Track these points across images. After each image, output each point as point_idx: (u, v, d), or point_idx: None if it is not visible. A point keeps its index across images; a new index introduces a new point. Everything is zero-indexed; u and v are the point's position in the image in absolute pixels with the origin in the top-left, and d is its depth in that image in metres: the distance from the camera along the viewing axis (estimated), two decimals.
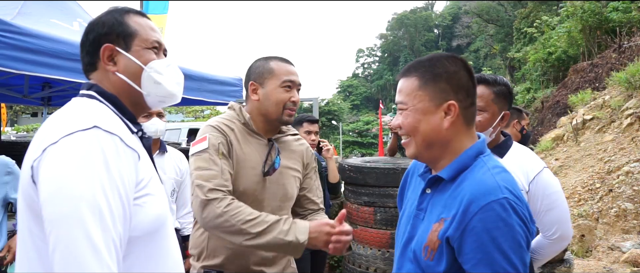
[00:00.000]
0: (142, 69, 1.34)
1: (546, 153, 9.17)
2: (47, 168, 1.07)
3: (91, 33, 1.34)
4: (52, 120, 1.19)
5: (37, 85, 5.97)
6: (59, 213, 1.03)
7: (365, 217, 4.78)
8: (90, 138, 1.11)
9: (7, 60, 3.26)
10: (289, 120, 2.07)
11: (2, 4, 4.24)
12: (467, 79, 1.38)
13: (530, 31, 22.03)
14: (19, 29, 3.33)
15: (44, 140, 1.12)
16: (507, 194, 1.23)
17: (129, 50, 1.34)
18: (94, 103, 1.27)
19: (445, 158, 1.39)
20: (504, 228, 1.20)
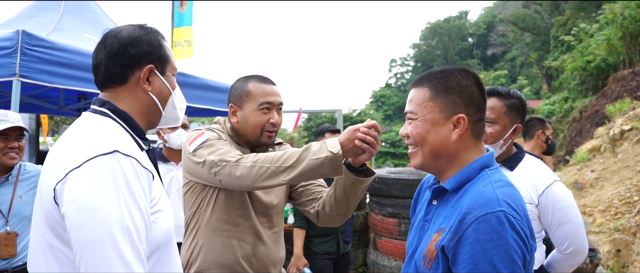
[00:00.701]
0: (170, 93, 1.44)
1: (582, 164, 8.91)
2: (74, 193, 1.13)
3: (132, 48, 1.36)
4: (70, 141, 1.24)
5: (73, 97, 6.19)
6: (90, 237, 1.10)
7: (389, 228, 4.75)
8: (112, 162, 1.17)
9: (43, 74, 3.41)
10: (268, 141, 2.07)
11: (41, 20, 4.44)
12: (478, 94, 1.39)
13: (567, 39, 21.47)
14: (53, 45, 3.48)
15: (65, 163, 1.17)
16: (505, 207, 1.22)
17: (164, 75, 1.43)
18: (108, 122, 1.32)
19: (451, 170, 1.39)
20: (498, 241, 1.18)
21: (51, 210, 1.17)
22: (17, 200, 2.65)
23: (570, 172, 9.34)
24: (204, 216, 2.01)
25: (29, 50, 3.27)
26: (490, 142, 2.06)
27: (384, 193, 4.73)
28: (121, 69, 1.36)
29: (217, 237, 1.98)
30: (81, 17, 4.72)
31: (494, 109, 2.04)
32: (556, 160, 14.21)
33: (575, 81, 18.42)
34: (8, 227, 2.60)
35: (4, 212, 2.61)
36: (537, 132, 3.80)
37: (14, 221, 2.63)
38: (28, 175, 2.76)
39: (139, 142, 1.36)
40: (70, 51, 3.59)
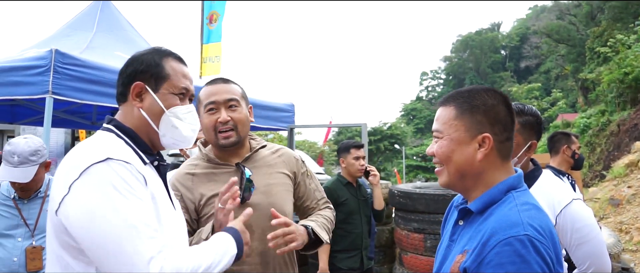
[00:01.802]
0: (163, 111, 1.45)
1: (619, 180, 8.62)
2: (76, 205, 1.21)
3: (130, 67, 1.46)
4: (72, 155, 1.32)
5: (107, 112, 6.38)
6: (100, 240, 1.19)
7: (415, 243, 4.69)
8: (105, 168, 1.25)
9: (74, 91, 3.54)
10: (226, 142, 1.98)
11: (75, 39, 4.62)
12: (506, 114, 1.37)
13: (604, 51, 20.95)
14: (84, 63, 3.62)
15: (67, 177, 1.25)
16: (530, 231, 1.18)
17: (157, 92, 1.45)
18: (110, 136, 1.40)
19: (477, 190, 1.38)
20: (521, 265, 1.15)
21: (56, 222, 1.25)
22: (44, 215, 2.73)
23: (606, 187, 9.05)
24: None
25: (61, 68, 3.41)
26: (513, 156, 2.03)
27: (410, 209, 4.68)
28: (121, 88, 1.47)
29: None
30: (113, 35, 4.89)
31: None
32: (592, 175, 13.79)
33: (613, 94, 17.90)
34: (33, 241, 2.68)
35: (30, 227, 2.70)
36: (562, 147, 3.69)
37: (40, 235, 2.70)
38: None
39: (142, 156, 1.42)
40: (101, 68, 3.72)
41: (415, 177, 39.47)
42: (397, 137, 41.82)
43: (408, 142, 45.58)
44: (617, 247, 4.47)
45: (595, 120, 18.68)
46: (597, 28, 26.25)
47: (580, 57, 31.96)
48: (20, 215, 2.69)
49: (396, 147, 40.89)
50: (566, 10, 39.41)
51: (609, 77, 17.57)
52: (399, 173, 32.10)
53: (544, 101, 29.12)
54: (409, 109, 61.82)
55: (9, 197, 2.71)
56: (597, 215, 7.87)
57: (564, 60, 38.31)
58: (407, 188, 4.86)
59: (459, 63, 65.05)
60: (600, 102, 20.31)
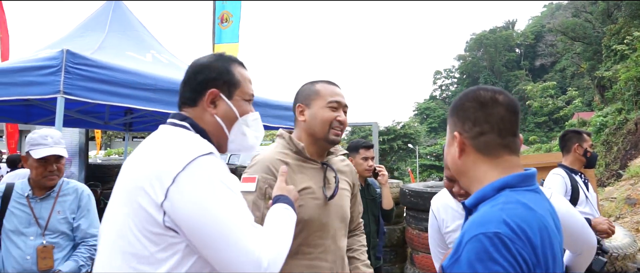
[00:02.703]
0: (237, 118, 1.52)
1: (635, 179, 8.47)
2: (185, 196, 1.24)
3: (200, 74, 1.51)
4: (164, 149, 1.34)
5: (119, 112, 6.44)
6: (210, 232, 1.23)
7: (426, 243, 4.65)
8: (211, 161, 1.31)
9: (86, 91, 3.57)
10: (335, 139, 2.11)
11: (87, 39, 4.66)
12: (474, 110, 1.38)
13: (621, 48, 20.63)
14: (95, 63, 3.64)
15: (169, 168, 1.27)
16: (501, 229, 1.14)
17: (231, 99, 1.51)
18: (192, 134, 1.44)
19: (471, 188, 1.40)
20: (488, 263, 1.11)
21: (153, 213, 1.26)
22: (55, 215, 2.76)
23: (622, 186, 8.90)
24: None
25: (72, 68, 3.44)
26: None
27: (421, 208, 4.65)
28: (191, 93, 1.51)
29: (300, 261, 2.03)
30: (124, 35, 4.93)
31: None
32: (609, 174, 13.57)
33: (630, 92, 17.64)
34: (44, 240, 2.71)
35: (41, 226, 2.72)
36: (573, 146, 3.63)
37: (50, 234, 2.73)
38: (68, 191, 2.86)
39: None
40: (112, 68, 3.75)
41: (428, 177, 39.22)
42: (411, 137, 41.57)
43: (422, 142, 45.32)
44: (632, 247, 4.38)
45: (612, 118, 18.40)
46: (614, 25, 25.86)
47: (597, 54, 31.51)
48: (32, 213, 2.72)
49: (410, 147, 40.68)
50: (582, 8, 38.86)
51: (626, 75, 17.32)
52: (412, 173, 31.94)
53: (559, 100, 28.71)
54: (422, 108, 61.51)
55: (22, 196, 2.75)
56: (613, 215, 7.75)
57: (579, 58, 37.80)
58: (418, 188, 4.83)
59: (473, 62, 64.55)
60: (617, 101, 20.03)
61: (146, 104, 3.97)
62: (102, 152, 23.36)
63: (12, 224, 2.69)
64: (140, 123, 6.99)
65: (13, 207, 2.72)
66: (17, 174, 4.88)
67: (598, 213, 3.62)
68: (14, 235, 2.68)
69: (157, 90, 4.01)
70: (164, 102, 4.06)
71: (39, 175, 2.71)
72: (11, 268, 2.67)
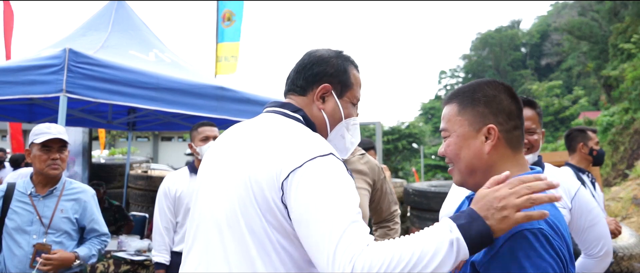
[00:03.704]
0: (341, 119, 1.51)
1: None
2: (307, 186, 1.23)
3: (317, 66, 1.50)
4: (286, 141, 1.33)
5: (122, 111, 6.45)
6: (329, 209, 1.19)
7: None
8: (332, 160, 1.29)
9: (88, 90, 3.58)
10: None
11: (90, 39, 4.66)
12: (509, 102, 1.35)
13: (627, 47, 20.48)
14: (98, 62, 3.65)
15: (288, 163, 1.27)
16: (544, 226, 1.16)
17: (340, 99, 1.50)
18: (308, 130, 1.42)
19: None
20: (536, 260, 1.13)
21: (275, 204, 1.27)
22: (58, 214, 2.75)
23: (629, 186, 8.83)
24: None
25: (75, 67, 3.44)
26: (534, 150, 2.13)
27: (425, 207, 4.63)
28: (303, 82, 1.50)
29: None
30: (127, 34, 4.92)
31: (532, 119, 2.12)
32: (615, 174, 13.49)
33: (637, 91, 17.50)
34: (45, 238, 2.69)
35: (44, 223, 2.71)
36: (578, 146, 3.57)
37: (53, 233, 2.72)
38: (72, 191, 2.86)
39: None
40: (114, 67, 3.74)
41: (433, 176, 39.12)
42: (416, 136, 41.50)
43: (426, 141, 45.20)
44: (639, 247, 4.34)
45: (619, 118, 18.27)
46: (621, 24, 25.66)
47: (603, 54, 31.32)
48: (35, 211, 2.71)
49: (414, 146, 40.60)
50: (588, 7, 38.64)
51: (633, 74, 17.20)
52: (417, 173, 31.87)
53: (565, 99, 28.62)
54: (427, 108, 61.30)
55: (25, 194, 2.74)
56: (620, 215, 7.69)
57: (585, 58, 37.54)
58: (422, 187, 4.81)
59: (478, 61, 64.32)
60: (624, 100, 19.87)
61: (149, 103, 3.96)
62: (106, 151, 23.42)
63: (14, 223, 2.68)
64: (143, 122, 6.99)
65: (15, 206, 2.71)
66: (19, 174, 4.88)
67: (605, 213, 3.58)
68: (16, 234, 2.67)
69: (160, 89, 4.00)
70: (166, 101, 4.05)
71: (43, 162, 2.70)
72: (13, 267, 2.65)
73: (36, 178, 2.78)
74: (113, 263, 3.92)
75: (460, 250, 1.11)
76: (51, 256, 2.60)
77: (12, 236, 2.67)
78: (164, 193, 3.38)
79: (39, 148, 2.70)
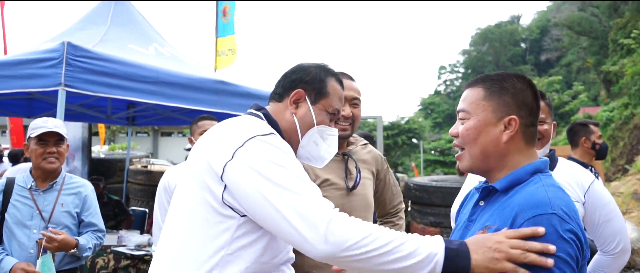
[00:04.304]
0: (313, 125, 1.54)
1: None
2: (242, 168, 1.29)
3: (296, 73, 1.58)
4: (228, 130, 1.41)
5: (122, 106, 6.42)
6: (265, 204, 1.25)
7: None
8: (271, 139, 1.36)
9: (87, 84, 3.55)
10: (342, 134, 2.09)
11: (89, 33, 4.63)
12: (532, 99, 1.40)
13: (627, 42, 20.43)
14: (97, 55, 3.62)
15: (229, 145, 1.33)
16: (558, 211, 1.21)
17: (314, 105, 1.55)
18: (262, 121, 1.49)
19: (500, 172, 1.39)
20: (558, 242, 1.16)
21: (213, 187, 1.32)
22: (58, 208, 2.74)
23: (629, 181, 8.83)
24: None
25: (73, 60, 3.41)
26: (544, 141, 2.07)
27: (426, 202, 4.61)
28: (281, 89, 1.58)
29: None
30: (126, 28, 4.89)
31: (542, 109, 2.05)
32: (615, 169, 13.49)
33: (637, 86, 17.47)
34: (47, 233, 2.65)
35: (45, 218, 2.70)
36: (580, 140, 3.54)
37: (54, 228, 2.68)
38: (72, 185, 2.85)
39: None
40: (113, 61, 3.71)
41: (433, 171, 39.12)
42: (415, 132, 41.48)
43: (426, 137, 45.21)
44: None
45: (618, 113, 18.26)
46: (621, 19, 25.59)
47: (603, 49, 31.28)
48: (35, 205, 2.69)
49: (414, 142, 40.59)
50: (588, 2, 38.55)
51: (633, 69, 17.16)
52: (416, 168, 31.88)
53: (565, 94, 28.58)
54: (427, 103, 61.23)
55: (25, 188, 2.73)
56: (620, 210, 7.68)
57: (585, 53, 37.50)
58: (423, 181, 4.79)
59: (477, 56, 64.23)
60: (624, 95, 19.84)
61: (148, 97, 3.94)
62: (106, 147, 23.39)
63: (14, 217, 2.66)
64: (142, 117, 6.97)
65: (15, 200, 2.70)
66: (19, 169, 4.86)
67: None
68: (16, 228, 2.65)
69: (160, 83, 3.97)
70: (166, 95, 4.02)
71: (39, 156, 2.68)
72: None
73: (35, 173, 2.76)
74: (113, 258, 3.91)
75: (436, 267, 1.16)
76: (55, 236, 2.58)
77: (11, 230, 2.66)
78: (164, 187, 3.36)
79: (36, 142, 2.68)
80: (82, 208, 2.84)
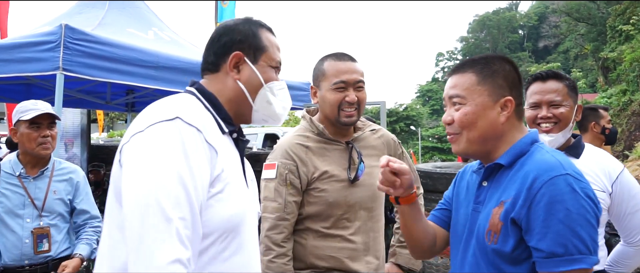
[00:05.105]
0: (262, 85, 1.38)
1: None
2: (131, 155, 1.14)
3: (224, 36, 1.39)
4: (145, 111, 1.25)
5: (121, 92, 6.34)
6: (136, 200, 1.08)
7: None
8: (171, 127, 1.15)
9: (86, 68, 3.48)
10: (348, 121, 2.02)
11: (86, 16, 4.55)
12: (518, 79, 1.46)
13: (626, 29, 20.36)
14: (96, 38, 3.55)
15: (134, 128, 1.19)
16: (570, 171, 1.27)
17: (256, 64, 1.38)
18: (190, 98, 1.31)
19: (499, 149, 1.42)
20: (570, 202, 1.21)
21: (117, 174, 1.19)
22: (51, 196, 2.61)
23: (630, 167, 8.83)
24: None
25: (71, 44, 3.34)
26: (564, 125, 1.95)
27: (430, 188, 4.56)
28: (213, 57, 1.39)
29: (330, 243, 2.04)
30: (125, 12, 4.81)
31: (558, 91, 1.94)
32: (614, 155, 13.50)
33: (635, 73, 17.46)
34: (41, 221, 2.56)
35: (38, 206, 2.57)
36: (590, 125, 3.45)
37: (48, 216, 2.59)
38: (62, 171, 2.71)
39: (221, 124, 1.32)
40: (112, 45, 3.64)
41: (430, 159, 39.20)
42: (413, 119, 41.55)
43: (424, 124, 45.29)
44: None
45: (617, 99, 18.26)
46: (619, 5, 25.49)
47: (601, 36, 31.24)
48: (27, 194, 2.55)
49: (412, 129, 40.65)
50: None
51: (631, 55, 17.13)
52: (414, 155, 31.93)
53: None
54: (424, 90, 61.24)
55: (13, 175, 2.56)
56: None
57: (583, 40, 37.44)
58: (427, 168, 4.75)
59: (475, 43, 64.12)
60: (622, 82, 19.84)
61: (148, 82, 3.88)
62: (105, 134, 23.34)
63: (4, 206, 2.51)
64: (142, 103, 6.87)
65: (4, 188, 2.54)
66: None
67: None
68: (8, 218, 2.51)
69: (160, 67, 3.91)
70: (166, 80, 3.96)
71: (33, 141, 2.53)
72: (8, 253, 2.50)
73: (25, 159, 2.59)
74: None
75: None
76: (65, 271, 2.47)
77: (3, 220, 2.51)
78: None
79: (28, 125, 2.52)
80: (75, 194, 2.71)
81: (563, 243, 1.19)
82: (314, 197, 2.00)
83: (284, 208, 1.96)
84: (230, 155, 1.29)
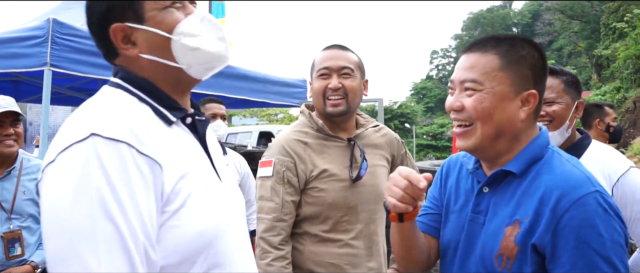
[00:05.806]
0: (169, 39, 1.05)
1: (638, 157, 8.38)
2: (44, 196, 0.91)
3: (93, 15, 1.07)
4: (66, 123, 1.00)
5: None
6: (55, 249, 0.87)
7: None
8: (85, 151, 0.89)
9: (74, 64, 3.40)
10: (333, 111, 1.89)
11: (75, 11, 4.44)
12: (545, 71, 1.24)
13: (619, 26, 20.41)
14: (85, 33, 3.45)
15: (47, 156, 0.94)
16: (599, 187, 1.10)
17: (144, 21, 1.04)
18: (115, 95, 1.04)
19: (510, 152, 1.21)
20: (602, 226, 1.05)
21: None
22: (20, 196, 2.43)
23: None
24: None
25: (60, 39, 3.25)
26: (558, 123, 1.82)
27: None
28: (99, 42, 1.10)
29: (329, 249, 1.94)
30: None
31: (552, 88, 1.80)
32: None
33: (629, 70, 17.55)
34: (11, 225, 2.38)
35: (6, 209, 2.39)
36: (594, 122, 3.38)
37: (19, 219, 2.42)
38: (33, 169, 2.53)
39: (167, 114, 1.06)
40: None
41: (425, 156, 39.30)
42: (408, 116, 41.59)
43: (418, 121, 45.36)
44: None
45: (610, 97, 18.33)
46: (613, 3, 25.61)
47: (595, 33, 31.39)
48: None
49: (406, 126, 40.69)
50: None
51: (625, 53, 17.19)
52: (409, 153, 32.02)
53: None
54: (419, 88, 61.28)
55: None
56: None
57: (577, 37, 37.64)
58: (425, 166, 4.70)
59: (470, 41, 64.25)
60: (616, 79, 19.94)
61: None
62: None
63: None
64: None
65: None
66: None
67: None
68: None
69: None
70: None
71: None
72: None
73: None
74: None
75: None
76: None
77: None
78: None
79: None
80: None
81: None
82: (311, 197, 1.88)
83: (281, 209, 1.84)
84: (186, 152, 1.04)
